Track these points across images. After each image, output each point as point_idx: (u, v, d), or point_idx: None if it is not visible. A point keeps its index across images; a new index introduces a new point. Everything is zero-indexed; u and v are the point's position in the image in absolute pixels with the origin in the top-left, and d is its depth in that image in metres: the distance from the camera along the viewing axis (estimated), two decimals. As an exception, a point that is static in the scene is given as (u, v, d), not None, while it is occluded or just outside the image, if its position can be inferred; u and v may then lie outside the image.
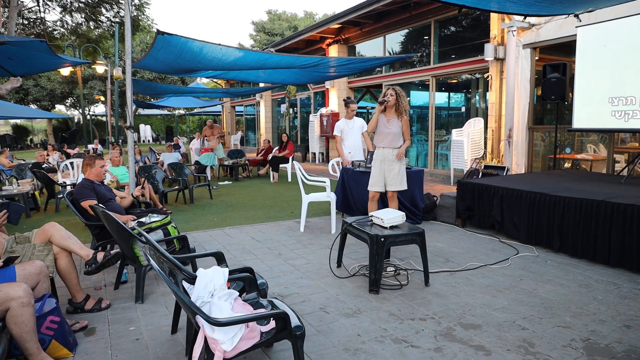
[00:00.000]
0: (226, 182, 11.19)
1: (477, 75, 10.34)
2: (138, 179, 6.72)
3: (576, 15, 6.20)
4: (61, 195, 6.93)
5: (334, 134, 6.51)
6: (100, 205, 3.97)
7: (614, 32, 6.17)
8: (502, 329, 3.04)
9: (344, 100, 6.98)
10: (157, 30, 5.45)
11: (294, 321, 2.35)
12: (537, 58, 8.68)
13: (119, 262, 3.58)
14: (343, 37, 14.01)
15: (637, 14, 5.89)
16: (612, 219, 4.29)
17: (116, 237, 3.64)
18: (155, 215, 4.28)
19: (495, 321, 3.16)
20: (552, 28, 7.98)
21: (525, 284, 3.88)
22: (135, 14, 16.89)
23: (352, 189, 6.09)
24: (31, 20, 16.98)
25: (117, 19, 17.04)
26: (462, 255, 4.75)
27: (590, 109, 6.49)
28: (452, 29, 11.16)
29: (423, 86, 11.90)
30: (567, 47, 7.51)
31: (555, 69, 7.35)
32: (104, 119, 32.09)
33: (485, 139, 9.47)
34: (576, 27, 6.61)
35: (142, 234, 2.94)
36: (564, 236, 4.73)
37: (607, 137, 7.78)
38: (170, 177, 9.01)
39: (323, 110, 15.01)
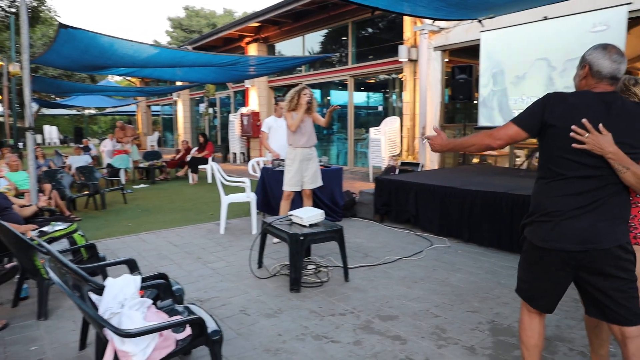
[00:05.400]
0: (142, 186, 10.68)
1: (393, 76, 10.75)
2: (40, 185, 6.21)
3: (479, 21, 6.67)
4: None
5: (261, 130, 6.44)
6: (-6, 214, 3.62)
7: (512, 37, 6.70)
8: (417, 317, 3.20)
9: (275, 97, 6.94)
10: (60, 23, 5.07)
11: (211, 326, 2.30)
12: (447, 60, 9.20)
13: (17, 276, 3.29)
14: (262, 36, 13.93)
15: (532, 21, 6.46)
16: (513, 209, 4.66)
17: (13, 250, 3.35)
18: (59, 223, 3.98)
19: (410, 311, 3.31)
20: (460, 32, 8.50)
21: (438, 274, 4.11)
22: (34, 4, 15.51)
23: (273, 189, 6.07)
24: None
25: (12, 9, 15.56)
26: (380, 249, 4.92)
27: (493, 108, 7.00)
28: (369, 30, 11.52)
29: (342, 86, 12.16)
30: (473, 50, 8.05)
31: (462, 70, 7.84)
32: (0, 119, 29.33)
33: (402, 137, 9.87)
34: (480, 32, 7.10)
35: (42, 244, 2.73)
36: (472, 227, 5.06)
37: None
38: (79, 181, 8.43)
39: (243, 110, 14.83)
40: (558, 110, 1.91)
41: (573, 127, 1.84)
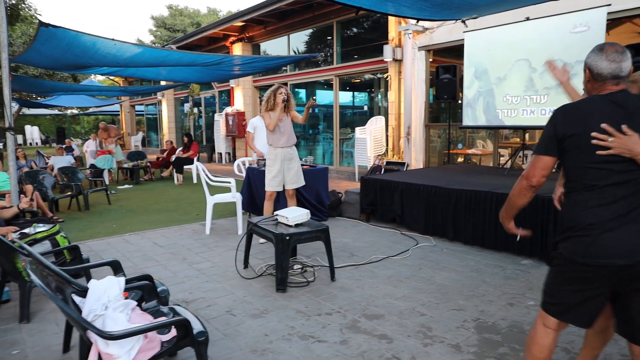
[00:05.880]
0: (126, 186, 10.56)
1: (379, 75, 10.79)
2: (22, 187, 6.10)
3: (463, 21, 6.73)
4: None
5: (247, 130, 6.41)
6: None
7: (495, 38, 6.77)
8: (403, 316, 3.21)
9: (260, 97, 6.92)
10: (40, 21, 4.98)
11: (197, 327, 2.28)
12: (431, 60, 9.26)
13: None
14: (247, 35, 13.87)
15: (515, 22, 6.53)
16: (497, 208, 4.70)
17: (-6, 252, 3.28)
18: (41, 225, 3.91)
19: (396, 310, 3.32)
20: (444, 32, 8.56)
21: (424, 273, 4.13)
22: (13, 1, 15.19)
23: (258, 189, 6.04)
24: None
25: None
26: (366, 249, 4.93)
27: (476, 108, 7.07)
28: (354, 30, 11.55)
29: (327, 85, 12.17)
30: (456, 50, 8.12)
31: (446, 70, 7.91)
32: (-20, 119, 28.69)
33: (387, 136, 9.92)
34: (464, 32, 7.16)
35: (24, 246, 2.68)
36: (457, 226, 5.10)
37: (493, 134, 8.52)
38: (61, 182, 8.30)
39: (229, 110, 14.74)
40: (571, 120, 1.85)
41: (594, 134, 1.77)
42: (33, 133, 31.95)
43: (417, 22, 8.55)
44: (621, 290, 1.87)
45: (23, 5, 16.20)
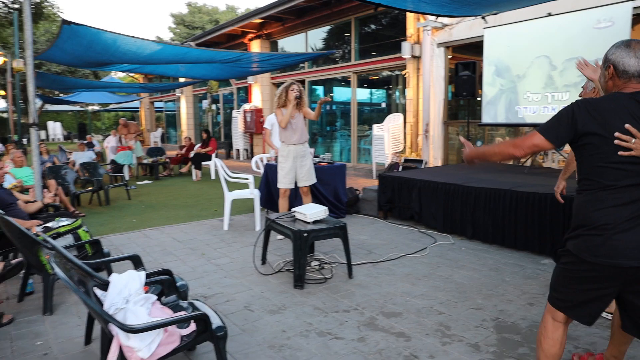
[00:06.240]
0: (146, 182, 10.69)
1: (396, 72, 10.72)
2: (45, 181, 6.22)
3: (483, 17, 6.64)
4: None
5: (264, 126, 6.43)
6: (-1, 210, 3.63)
7: (515, 34, 6.66)
8: (421, 315, 3.19)
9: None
10: (63, 19, 5.06)
11: (216, 322, 2.30)
12: (450, 56, 9.16)
13: (22, 271, 3.30)
14: (265, 32, 13.90)
15: (536, 18, 6.41)
16: (517, 206, 4.64)
17: (18, 245, 3.35)
18: (64, 219, 3.99)
19: (414, 308, 3.30)
20: (463, 29, 8.46)
21: (442, 271, 4.09)
22: (37, 0, 15.48)
23: (276, 185, 6.06)
24: None
25: (16, 5, 15.52)
26: (384, 246, 4.91)
27: (496, 105, 6.97)
28: (372, 26, 11.48)
29: (345, 82, 12.13)
30: (476, 47, 8.01)
31: (466, 67, 7.81)
32: (4, 115, 29.34)
33: (405, 133, 9.85)
34: (483, 28, 7.06)
35: (47, 240, 2.73)
36: (476, 224, 5.04)
37: (513, 131, 8.40)
38: (82, 177, 8.44)
39: (246, 106, 14.81)
40: (593, 117, 1.79)
41: (617, 134, 1.73)
42: (55, 129, 32.59)
43: (437, 18, 8.46)
44: (629, 290, 1.85)
45: (46, 3, 16.50)
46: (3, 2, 15.79)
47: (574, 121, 1.81)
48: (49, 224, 3.88)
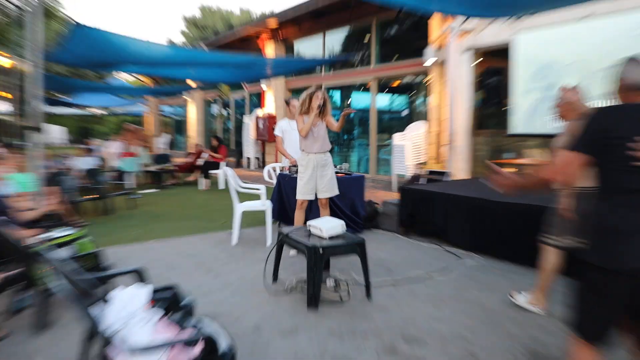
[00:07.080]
0: (151, 190, 10.77)
1: (419, 78, 10.68)
2: (46, 188, 6.27)
3: (517, 18, 6.58)
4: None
5: (274, 133, 6.45)
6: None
7: (546, 40, 6.60)
8: (445, 341, 3.12)
9: (285, 100, 6.94)
10: (73, 21, 5.20)
11: (224, 343, 2.26)
12: (477, 62, 9.10)
13: (19, 284, 3.31)
14: (280, 34, 14.00)
15: (570, 21, 6.34)
16: (551, 224, 4.53)
17: (13, 257, 3.36)
18: (67, 228, 4.01)
19: (438, 333, 3.23)
20: (491, 33, 8.39)
21: (469, 294, 4.01)
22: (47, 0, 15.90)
23: (290, 197, 6.03)
24: None
25: (28, 8, 15.89)
26: (404, 264, 4.84)
27: (525, 114, 6.89)
28: (394, 30, 11.47)
29: (364, 88, 12.12)
30: (504, 53, 7.95)
31: (494, 73, 7.77)
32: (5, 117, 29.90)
33: (428, 143, 9.78)
34: (512, 33, 7.00)
35: (46, 252, 2.73)
36: (506, 242, 4.94)
37: (546, 142, 8.27)
38: (85, 184, 8.52)
39: (259, 112, 14.90)
40: (611, 123, 1.92)
41: (629, 144, 1.84)
42: (56, 132, 33.08)
43: (465, 21, 8.42)
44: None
45: (55, 2, 16.89)
46: (14, 4, 16.23)
47: (602, 127, 1.93)
48: (50, 234, 3.89)
